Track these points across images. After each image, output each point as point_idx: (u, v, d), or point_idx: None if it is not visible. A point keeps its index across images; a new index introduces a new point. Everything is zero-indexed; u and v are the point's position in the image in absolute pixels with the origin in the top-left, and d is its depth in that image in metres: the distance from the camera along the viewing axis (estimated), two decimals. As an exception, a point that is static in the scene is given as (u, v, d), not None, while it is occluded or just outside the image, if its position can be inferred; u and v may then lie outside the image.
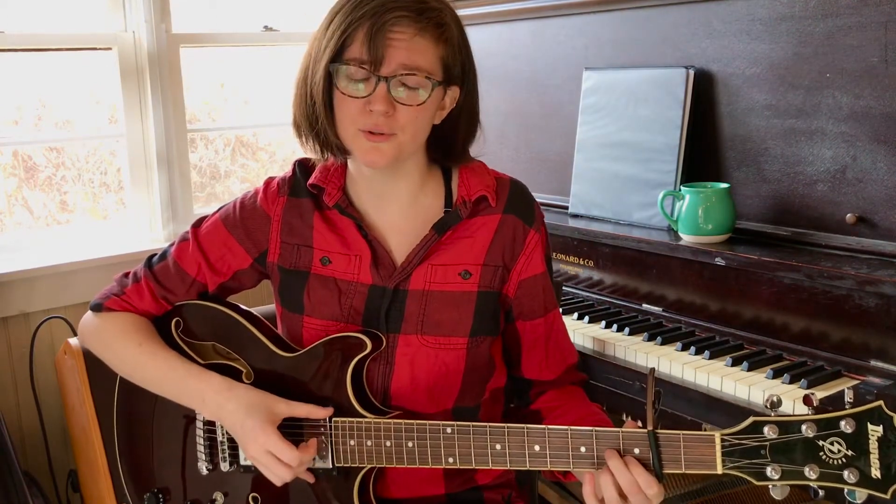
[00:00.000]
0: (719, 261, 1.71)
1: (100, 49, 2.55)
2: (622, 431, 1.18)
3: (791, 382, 1.49)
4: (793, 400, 1.43)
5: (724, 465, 1.11)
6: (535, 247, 1.40)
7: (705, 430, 1.52)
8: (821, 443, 1.07)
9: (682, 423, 1.56)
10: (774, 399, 1.11)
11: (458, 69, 1.31)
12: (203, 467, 1.43)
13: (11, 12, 2.42)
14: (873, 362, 1.50)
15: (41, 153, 2.60)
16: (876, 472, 1.04)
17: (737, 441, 1.11)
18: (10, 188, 2.54)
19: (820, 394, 1.44)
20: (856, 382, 1.48)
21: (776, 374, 1.52)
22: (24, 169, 2.57)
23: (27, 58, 2.50)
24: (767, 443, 1.09)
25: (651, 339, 1.74)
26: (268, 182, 1.45)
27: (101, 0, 2.55)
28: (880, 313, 1.48)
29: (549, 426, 1.21)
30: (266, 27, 2.87)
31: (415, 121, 1.27)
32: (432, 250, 1.36)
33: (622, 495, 1.17)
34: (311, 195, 1.41)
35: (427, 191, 1.40)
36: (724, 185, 1.81)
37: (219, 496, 1.42)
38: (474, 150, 1.43)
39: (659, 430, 1.15)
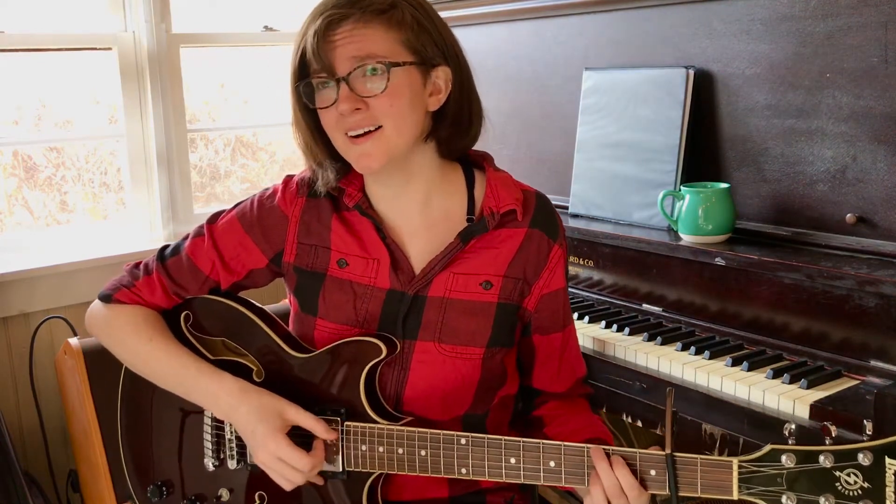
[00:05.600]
0: (719, 261, 1.71)
1: (100, 49, 2.55)
2: (640, 452, 1.17)
3: (791, 382, 1.49)
4: (792, 400, 1.43)
5: (740, 492, 1.11)
6: (558, 261, 1.39)
7: (705, 430, 1.52)
8: (837, 473, 1.07)
9: (682, 422, 1.56)
10: (792, 427, 1.11)
11: (432, 48, 1.29)
12: (209, 463, 1.42)
13: (11, 12, 2.42)
14: (873, 362, 1.50)
15: (41, 153, 2.60)
16: None
17: (754, 468, 1.10)
18: (10, 188, 2.54)
19: (820, 394, 1.44)
20: (856, 382, 1.48)
21: (776, 374, 1.52)
22: (24, 169, 2.57)
23: (27, 58, 2.50)
24: (784, 471, 1.09)
25: (651, 339, 1.74)
26: (286, 181, 1.43)
27: (101, 0, 2.55)
28: (880, 313, 1.48)
29: (566, 443, 1.20)
30: (266, 27, 2.87)
31: (391, 110, 1.26)
32: (455, 258, 1.35)
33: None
34: (329, 196, 1.40)
35: (444, 192, 1.38)
36: (724, 185, 1.81)
37: (224, 492, 1.42)
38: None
39: (677, 454, 1.14)
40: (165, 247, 1.46)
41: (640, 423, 1.65)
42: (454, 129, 1.35)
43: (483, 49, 2.40)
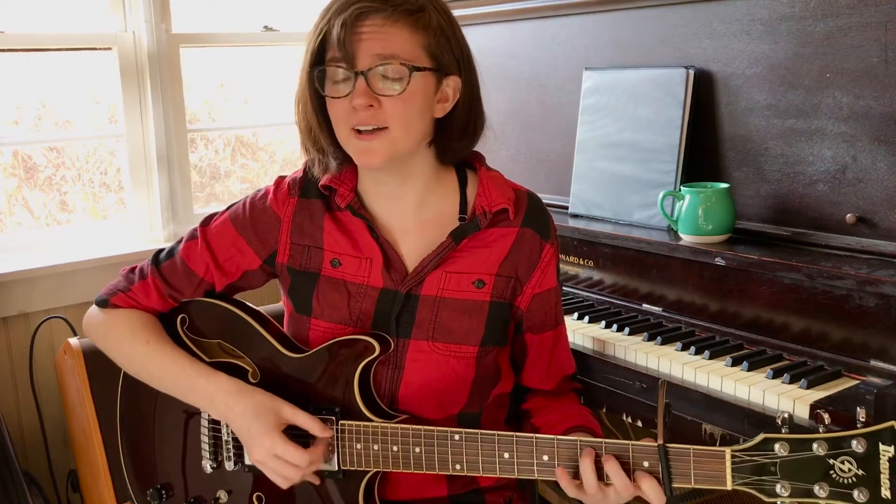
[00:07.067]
0: (719, 261, 1.70)
1: (100, 49, 2.55)
2: (632, 444, 1.17)
3: (791, 382, 1.49)
4: (792, 400, 1.43)
5: (733, 481, 1.11)
6: (549, 260, 1.40)
7: (705, 430, 1.52)
8: (831, 461, 1.06)
9: (682, 422, 1.56)
10: (786, 416, 1.10)
11: (449, 57, 1.29)
12: (207, 465, 1.43)
13: (11, 12, 2.42)
14: (873, 362, 1.49)
15: (41, 153, 2.60)
16: (886, 492, 1.04)
17: (747, 457, 1.10)
18: (10, 188, 2.54)
19: (820, 394, 1.44)
20: (856, 382, 1.48)
21: (776, 374, 1.52)
22: (24, 169, 2.57)
23: (27, 58, 2.50)
24: (778, 460, 1.09)
25: (651, 339, 1.73)
26: (278, 182, 1.44)
27: (101, 0, 2.55)
28: (880, 313, 1.48)
29: (559, 437, 1.21)
30: (266, 27, 2.87)
31: (403, 113, 1.25)
32: (447, 257, 1.36)
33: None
34: (321, 196, 1.40)
35: (438, 193, 1.39)
36: (724, 185, 1.81)
37: (222, 494, 1.42)
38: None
39: (669, 445, 1.14)
40: (160, 251, 1.46)
41: (639, 423, 1.65)
42: (457, 137, 1.35)
43: (483, 49, 2.39)
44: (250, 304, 1.46)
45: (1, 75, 2.46)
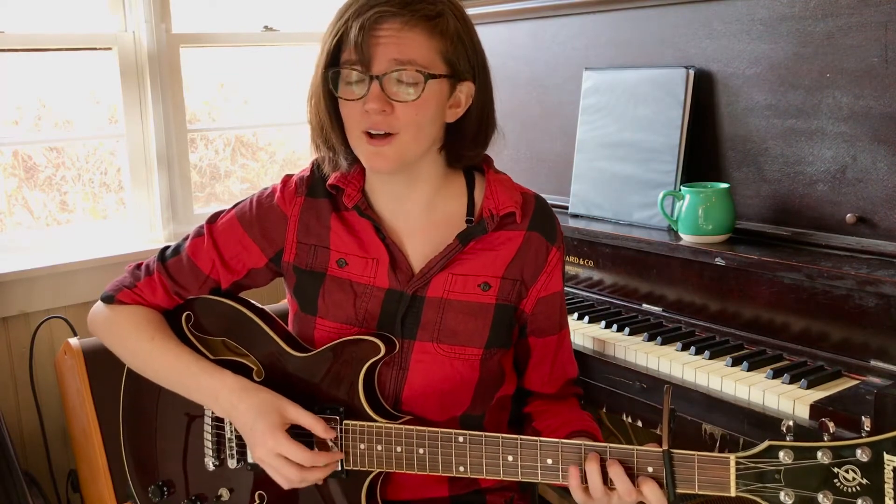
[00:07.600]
0: (719, 261, 1.71)
1: (100, 49, 2.55)
2: (636, 449, 1.17)
3: (791, 382, 1.49)
4: (792, 400, 1.44)
5: (737, 488, 1.11)
6: (555, 264, 1.40)
7: (705, 430, 1.52)
8: (836, 470, 1.06)
9: (682, 422, 1.56)
10: (790, 423, 1.10)
11: (465, 63, 1.29)
12: (210, 463, 1.43)
13: (11, 12, 2.42)
14: (873, 362, 1.50)
15: (41, 153, 2.60)
16: (890, 502, 1.04)
17: (752, 464, 1.10)
18: (10, 188, 2.54)
19: (820, 394, 1.44)
20: (856, 382, 1.48)
21: (776, 374, 1.52)
22: (24, 169, 2.57)
23: (27, 58, 2.50)
24: (782, 467, 1.09)
25: (651, 339, 1.74)
26: (285, 180, 1.44)
27: (101, 0, 2.55)
28: (880, 313, 1.48)
29: (563, 440, 1.20)
30: (266, 27, 2.87)
31: (415, 118, 1.25)
32: (453, 259, 1.36)
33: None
34: (328, 195, 1.40)
35: (446, 196, 1.39)
36: (724, 185, 1.81)
37: (224, 492, 1.42)
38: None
39: (674, 451, 1.14)
40: (166, 247, 1.46)
41: (640, 423, 1.65)
42: (469, 144, 1.35)
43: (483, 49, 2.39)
44: (255, 303, 1.46)
45: (1, 75, 2.46)
